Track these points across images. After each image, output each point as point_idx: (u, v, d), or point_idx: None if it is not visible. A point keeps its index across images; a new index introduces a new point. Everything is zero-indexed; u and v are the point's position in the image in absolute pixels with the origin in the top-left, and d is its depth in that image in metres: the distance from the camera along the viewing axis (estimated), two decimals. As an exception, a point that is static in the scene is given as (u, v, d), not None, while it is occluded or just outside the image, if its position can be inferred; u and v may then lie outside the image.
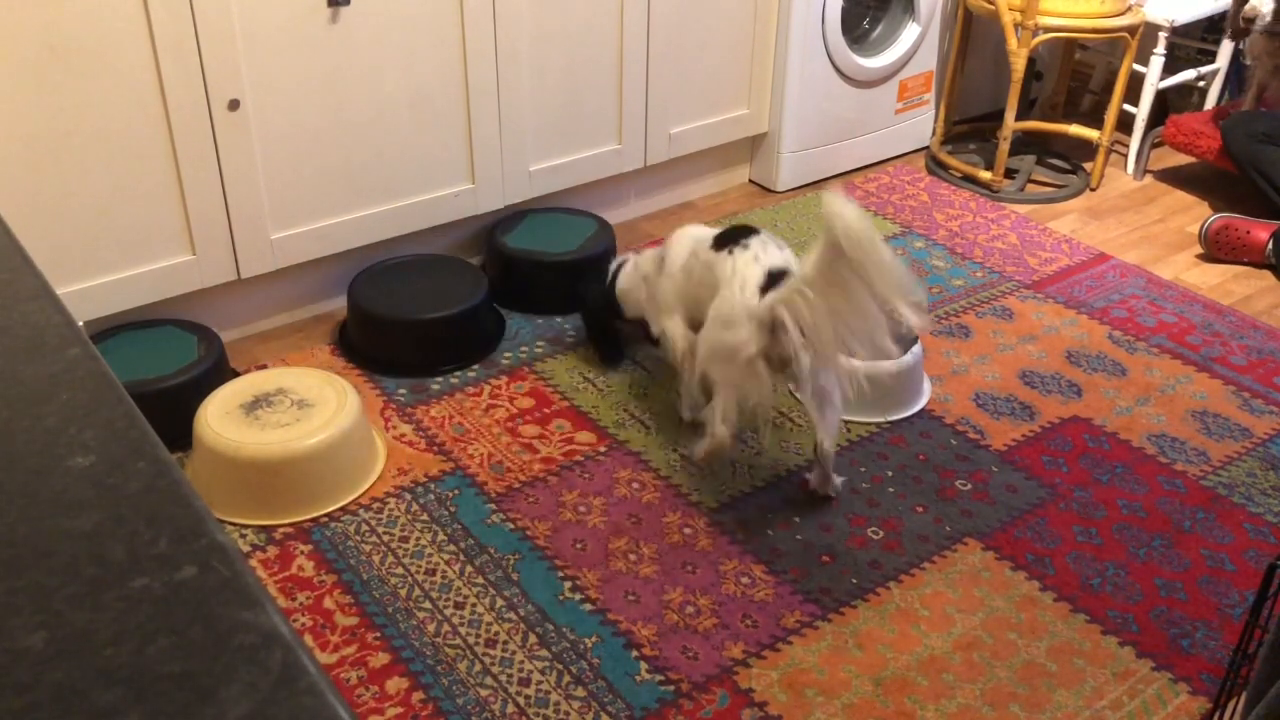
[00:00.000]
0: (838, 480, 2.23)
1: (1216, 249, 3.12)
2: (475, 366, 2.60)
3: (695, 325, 2.28)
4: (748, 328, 2.04)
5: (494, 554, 2.08)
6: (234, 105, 2.39)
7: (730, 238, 2.19)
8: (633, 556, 2.08)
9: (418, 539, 2.11)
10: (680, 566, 2.07)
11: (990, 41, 3.69)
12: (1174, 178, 3.61)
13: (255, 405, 2.19)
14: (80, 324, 0.87)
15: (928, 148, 3.70)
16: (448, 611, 1.96)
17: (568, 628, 1.93)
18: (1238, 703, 1.60)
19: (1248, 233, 3.07)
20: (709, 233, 2.31)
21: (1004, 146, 3.41)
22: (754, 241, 2.15)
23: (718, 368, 2.12)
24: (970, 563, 2.09)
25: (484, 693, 1.81)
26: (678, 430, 2.41)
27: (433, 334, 2.58)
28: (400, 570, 2.04)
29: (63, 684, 0.57)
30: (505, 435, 2.38)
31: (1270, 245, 3.05)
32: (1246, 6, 3.21)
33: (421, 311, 2.57)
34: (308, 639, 1.89)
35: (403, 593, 2.00)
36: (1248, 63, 3.42)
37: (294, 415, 2.17)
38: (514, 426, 2.41)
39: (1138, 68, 3.46)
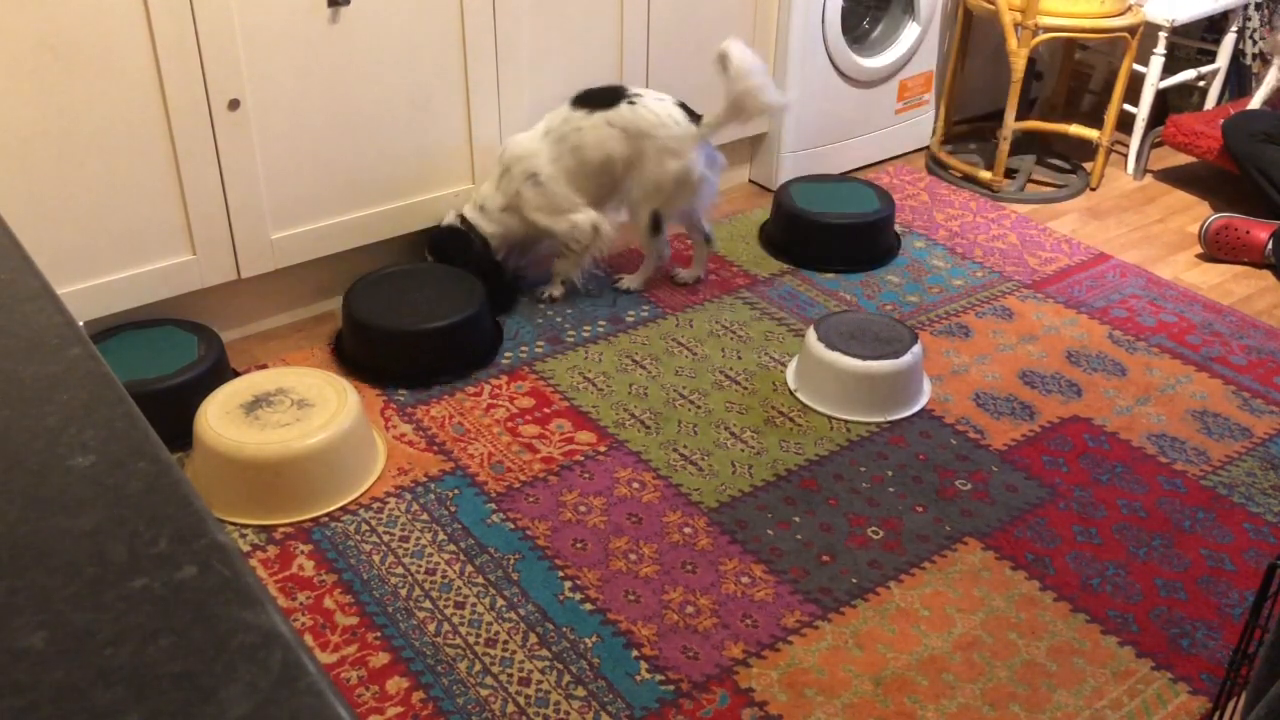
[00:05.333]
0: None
1: (1216, 249, 3.12)
2: (475, 366, 2.59)
3: (597, 201, 2.75)
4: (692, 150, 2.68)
5: (494, 554, 2.08)
6: (234, 105, 2.39)
7: (610, 97, 2.68)
8: (633, 556, 2.08)
9: (418, 539, 2.12)
10: (680, 566, 2.07)
11: (990, 41, 3.69)
12: (1174, 178, 3.62)
13: (255, 405, 2.19)
14: (80, 324, 0.87)
15: (928, 148, 3.70)
16: (448, 611, 1.96)
17: (568, 627, 1.93)
18: (1238, 703, 1.60)
19: (1247, 233, 3.07)
20: (560, 115, 2.71)
21: (1004, 146, 3.41)
22: (642, 90, 2.71)
23: (669, 193, 2.71)
24: (970, 562, 2.09)
25: (484, 692, 1.81)
26: (678, 430, 2.41)
27: (429, 345, 2.53)
28: (400, 570, 2.04)
29: (63, 684, 0.57)
30: (505, 435, 2.38)
31: (1270, 245, 3.05)
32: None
33: (417, 323, 2.53)
34: (308, 639, 1.89)
35: (403, 592, 2.00)
36: (1248, 62, 3.42)
37: (294, 415, 2.17)
38: (514, 426, 2.41)
39: (1138, 68, 3.46)
